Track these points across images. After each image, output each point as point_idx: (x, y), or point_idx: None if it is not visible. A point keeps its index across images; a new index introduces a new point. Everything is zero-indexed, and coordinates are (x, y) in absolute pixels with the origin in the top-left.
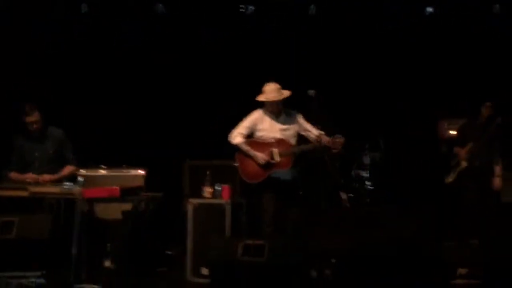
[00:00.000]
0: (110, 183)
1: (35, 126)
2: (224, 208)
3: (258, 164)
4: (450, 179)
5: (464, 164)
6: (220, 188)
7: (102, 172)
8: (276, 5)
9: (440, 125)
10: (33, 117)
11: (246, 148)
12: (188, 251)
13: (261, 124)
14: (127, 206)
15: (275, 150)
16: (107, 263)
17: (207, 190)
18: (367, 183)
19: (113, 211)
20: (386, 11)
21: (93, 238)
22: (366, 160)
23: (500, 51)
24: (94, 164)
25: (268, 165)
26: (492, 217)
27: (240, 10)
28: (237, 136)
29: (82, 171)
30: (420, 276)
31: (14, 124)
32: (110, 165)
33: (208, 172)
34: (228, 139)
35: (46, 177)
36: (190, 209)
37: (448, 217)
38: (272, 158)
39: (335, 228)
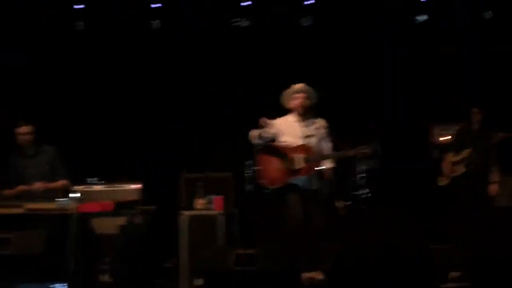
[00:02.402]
0: (105, 197)
1: (27, 137)
2: (216, 219)
3: (280, 169)
4: (443, 182)
5: (461, 169)
6: (212, 199)
7: (98, 187)
8: None
9: (431, 130)
10: (25, 129)
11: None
12: (182, 262)
13: (285, 128)
14: (123, 220)
15: (298, 155)
16: (104, 278)
17: (199, 202)
18: (363, 190)
19: (109, 226)
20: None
21: (90, 253)
22: (362, 167)
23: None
24: (90, 179)
25: (291, 171)
26: (486, 222)
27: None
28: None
29: (78, 187)
30: (411, 279)
31: (9, 145)
32: (106, 180)
33: (200, 184)
34: (249, 138)
35: (38, 184)
36: (183, 221)
37: (441, 220)
38: (293, 164)
39: (327, 234)
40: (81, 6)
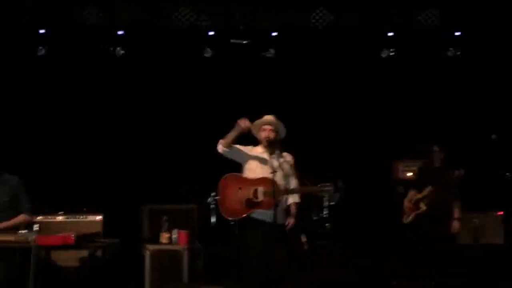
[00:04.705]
0: (66, 229)
1: None
2: (181, 254)
3: (241, 201)
4: (407, 219)
5: (423, 207)
6: (176, 234)
7: (59, 218)
8: None
9: (395, 166)
10: None
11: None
12: None
13: (252, 157)
14: (85, 253)
15: (260, 188)
16: None
17: (164, 236)
18: (326, 224)
19: (71, 258)
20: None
21: (51, 286)
22: (325, 202)
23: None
24: (52, 210)
25: (251, 203)
26: (448, 259)
27: None
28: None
29: (38, 218)
30: None
31: None
32: (68, 211)
33: (165, 217)
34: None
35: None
36: (147, 255)
37: (403, 257)
38: (256, 196)
39: (290, 271)
40: None
